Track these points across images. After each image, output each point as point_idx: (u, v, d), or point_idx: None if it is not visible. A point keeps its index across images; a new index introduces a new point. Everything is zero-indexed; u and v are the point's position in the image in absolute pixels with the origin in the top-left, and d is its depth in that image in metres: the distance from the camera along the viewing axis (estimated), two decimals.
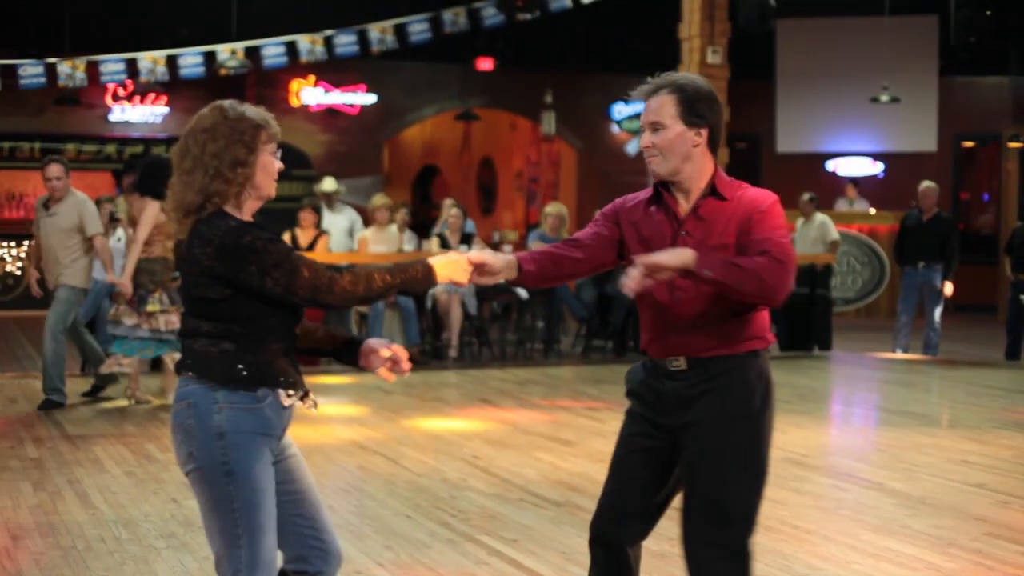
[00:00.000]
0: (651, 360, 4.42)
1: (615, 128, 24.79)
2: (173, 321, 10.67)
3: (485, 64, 23.35)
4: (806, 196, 16.78)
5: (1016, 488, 8.15)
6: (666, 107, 4.28)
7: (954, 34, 23.83)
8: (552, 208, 15.50)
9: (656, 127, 4.29)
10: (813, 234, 16.57)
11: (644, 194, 4.47)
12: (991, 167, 23.58)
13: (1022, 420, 10.96)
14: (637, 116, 23.73)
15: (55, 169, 10.81)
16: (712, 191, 4.29)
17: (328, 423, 10.48)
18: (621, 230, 4.47)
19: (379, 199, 14.94)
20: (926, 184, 15.65)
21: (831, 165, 24.24)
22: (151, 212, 10.60)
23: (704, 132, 4.29)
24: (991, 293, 21.09)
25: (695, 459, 4.27)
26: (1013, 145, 21.88)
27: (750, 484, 4.29)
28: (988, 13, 24.45)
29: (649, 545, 4.77)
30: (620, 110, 24.62)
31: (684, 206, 4.33)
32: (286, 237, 14.10)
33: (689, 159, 4.27)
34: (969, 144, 24.87)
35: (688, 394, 4.29)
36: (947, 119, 23.33)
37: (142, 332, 10.72)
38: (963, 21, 24.02)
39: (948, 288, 15.31)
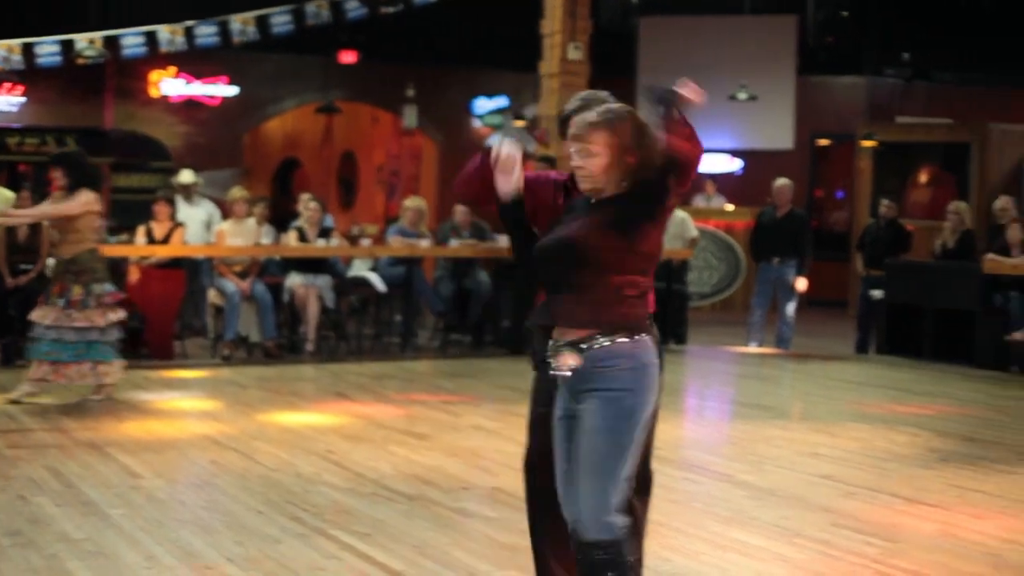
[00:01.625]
0: None
1: (477, 123, 24.81)
2: (95, 319, 10.52)
3: (348, 57, 23.24)
4: None
5: (862, 479, 8.31)
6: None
7: (812, 34, 24.24)
8: (411, 202, 15.48)
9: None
10: (672, 230, 16.67)
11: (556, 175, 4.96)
12: (845, 165, 23.98)
13: (871, 413, 11.18)
14: (499, 111, 23.79)
15: None
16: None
17: (181, 417, 10.39)
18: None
19: (237, 192, 14.80)
20: (781, 181, 15.89)
21: None
22: (84, 200, 10.48)
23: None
24: (843, 289, 21.45)
25: None
26: (867, 144, 22.27)
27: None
28: (845, 14, 24.91)
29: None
30: (482, 105, 24.66)
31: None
32: (141, 229, 13.92)
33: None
34: (825, 142, 25.28)
35: None
36: (804, 118, 23.68)
37: (66, 334, 10.55)
38: (820, 22, 24.47)
39: (801, 283, 15.56)
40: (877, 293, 15.54)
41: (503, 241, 15.24)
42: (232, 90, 23.02)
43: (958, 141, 21.75)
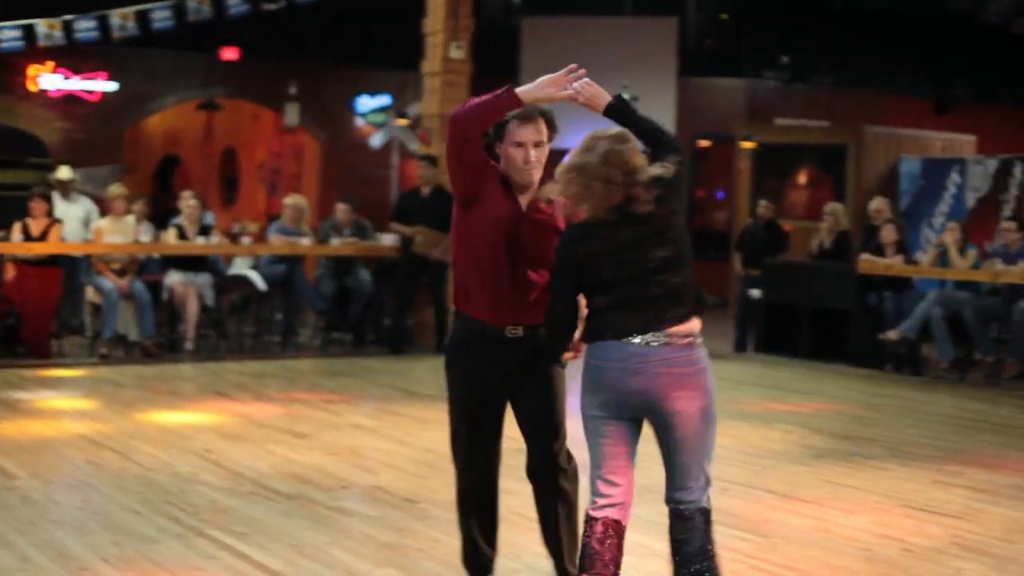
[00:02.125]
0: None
1: (359, 121, 24.73)
2: None
3: (229, 53, 23.03)
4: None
5: (737, 476, 8.42)
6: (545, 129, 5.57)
7: (692, 36, 24.47)
8: (291, 200, 15.41)
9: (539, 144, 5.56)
10: None
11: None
12: (725, 166, 24.24)
13: (748, 410, 11.33)
14: (382, 109, 23.69)
15: None
16: None
17: (57, 417, 10.26)
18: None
19: (115, 188, 14.64)
20: None
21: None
22: None
23: None
24: (722, 288, 21.68)
25: None
26: (746, 145, 22.52)
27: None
28: (724, 17, 25.18)
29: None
30: (364, 103, 24.58)
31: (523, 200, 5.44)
32: (17, 226, 13.71)
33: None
34: (705, 143, 25.53)
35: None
36: (684, 119, 23.87)
37: None
38: (700, 24, 24.70)
39: None
40: (755, 292, 15.74)
41: (385, 239, 15.24)
42: (112, 85, 22.72)
43: (835, 143, 22.06)
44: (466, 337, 5.42)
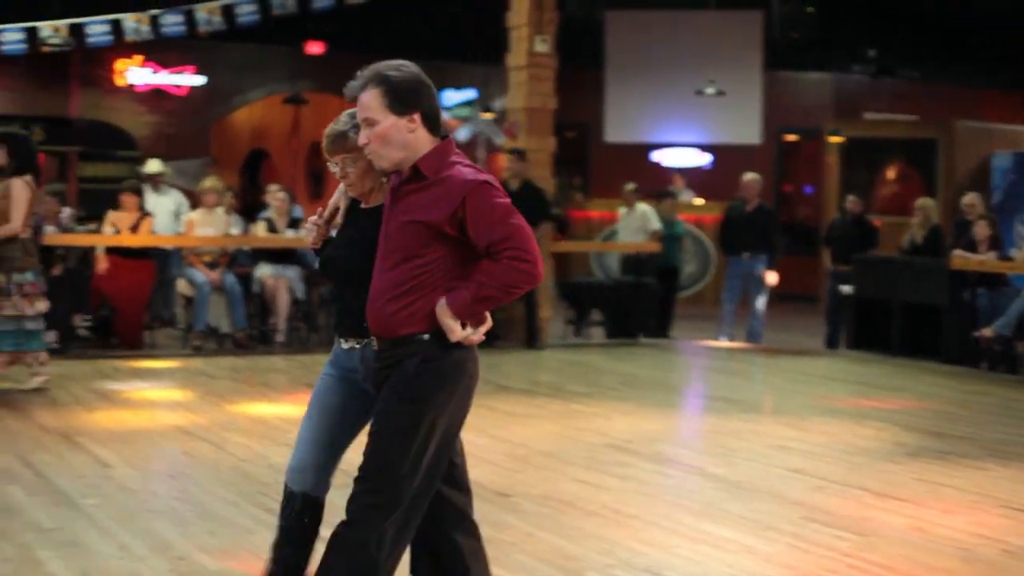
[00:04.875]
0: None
1: (445, 114, 24.75)
2: (23, 307, 10.45)
3: (315, 48, 23.18)
4: (630, 186, 16.96)
5: (831, 473, 8.33)
6: (374, 101, 4.32)
7: (778, 29, 24.32)
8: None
9: (369, 123, 4.32)
10: (636, 224, 16.74)
11: None
12: (813, 161, 24.07)
13: (840, 407, 11.22)
14: (468, 104, 23.75)
15: None
16: (414, 171, 4.31)
17: (151, 408, 10.35)
18: None
19: (209, 182, 14.75)
20: (749, 176, 15.95)
21: (656, 156, 24.52)
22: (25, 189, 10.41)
23: (417, 117, 4.32)
24: (812, 283, 21.54)
25: None
26: (834, 140, 22.36)
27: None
28: (810, 10, 25.01)
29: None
30: (450, 96, 24.62)
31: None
32: (109, 219, 13.85)
33: (408, 147, 4.30)
34: (792, 138, 25.37)
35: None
36: (771, 113, 23.76)
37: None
38: (786, 17, 24.55)
39: (771, 278, 15.63)
40: (846, 288, 15.60)
41: None
42: (199, 80, 22.93)
43: (924, 137, 21.86)
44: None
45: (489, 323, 4.34)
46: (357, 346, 4.68)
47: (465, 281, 4.22)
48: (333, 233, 4.88)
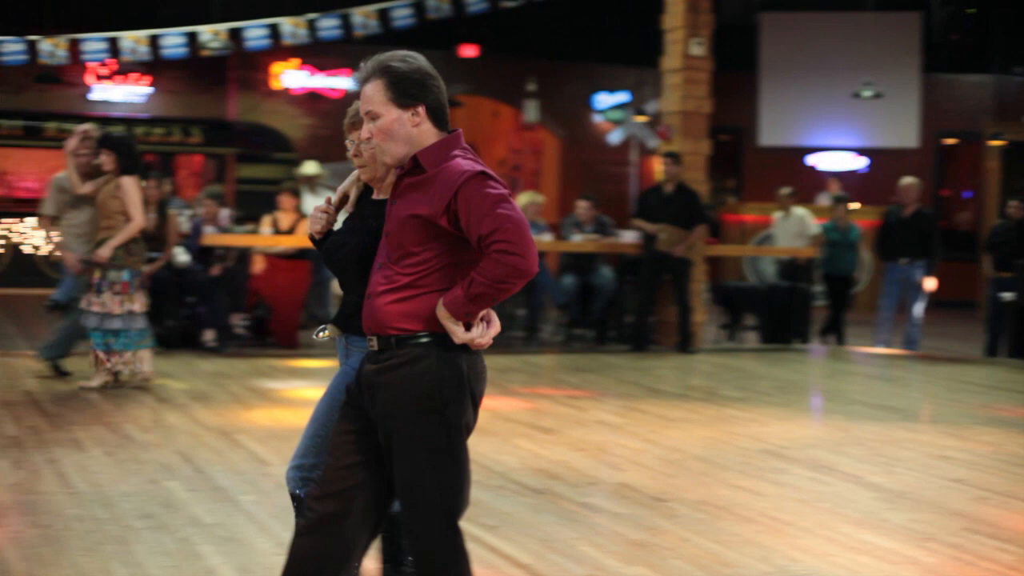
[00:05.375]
0: None
1: (598, 118, 24.76)
2: (111, 305, 10.62)
3: (468, 51, 23.30)
4: (785, 190, 16.78)
5: (995, 484, 8.15)
6: (377, 94, 4.07)
7: (937, 31, 23.91)
8: (523, 199, 15.59)
9: (372, 116, 4.09)
10: (793, 228, 16.56)
11: None
12: (972, 165, 23.62)
13: (1001, 416, 10.98)
14: (621, 106, 23.72)
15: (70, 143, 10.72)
16: (414, 163, 4.08)
17: (307, 406, 10.24)
18: None
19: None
20: (907, 180, 15.68)
21: (811, 159, 24.26)
22: (136, 185, 10.62)
23: (421, 110, 4.07)
24: (971, 290, 21.14)
25: None
26: (994, 143, 21.92)
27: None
28: (970, 11, 24.54)
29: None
30: (603, 99, 24.61)
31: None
32: (266, 220, 14.04)
33: (411, 142, 4.07)
34: (951, 141, 24.92)
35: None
36: (929, 116, 23.37)
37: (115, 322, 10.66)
38: (945, 19, 24.12)
39: (930, 284, 15.35)
40: (1007, 295, 15.26)
41: (626, 236, 15.21)
42: (353, 83, 23.15)
43: None
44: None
45: (498, 326, 4.10)
46: (352, 342, 4.56)
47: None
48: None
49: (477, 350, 4.08)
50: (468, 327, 3.99)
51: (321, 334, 4.68)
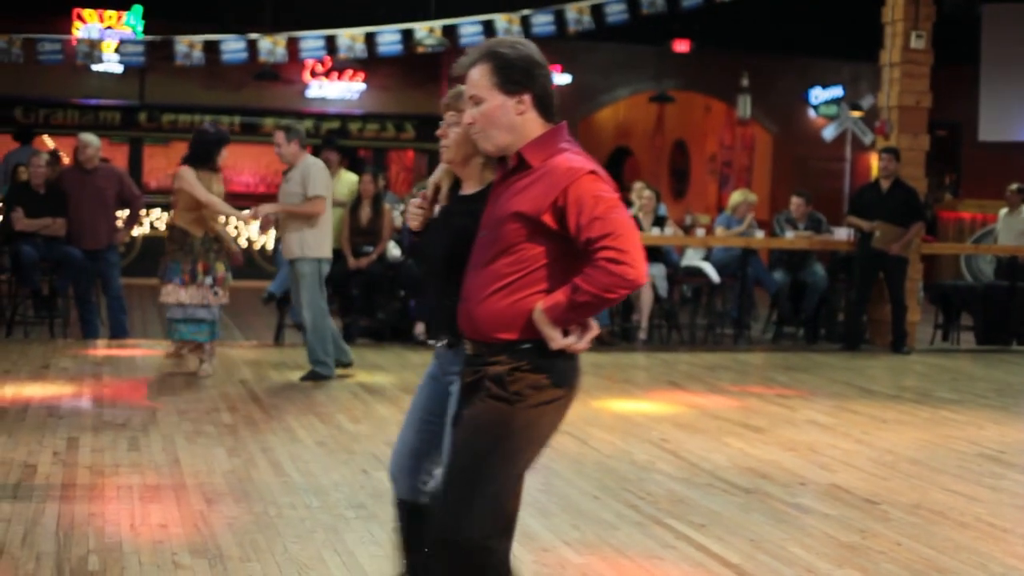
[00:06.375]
0: None
1: (812, 113, 24.43)
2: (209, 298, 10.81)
3: (681, 46, 23.16)
4: (1014, 186, 16.32)
5: None
6: (482, 79, 3.97)
7: None
8: (736, 197, 15.48)
9: (476, 101, 4.00)
10: (1020, 226, 16.10)
11: None
12: None
13: None
14: (835, 101, 23.37)
15: (277, 137, 10.83)
16: (520, 159, 3.97)
17: None
18: None
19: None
20: None
21: None
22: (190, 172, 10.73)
23: (527, 98, 3.96)
24: None
25: None
26: None
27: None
28: None
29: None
30: (817, 95, 24.26)
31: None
32: None
33: (515, 130, 3.97)
34: None
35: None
36: None
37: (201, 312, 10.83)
38: None
39: None
40: None
41: (839, 233, 14.97)
42: (565, 78, 23.21)
43: None
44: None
45: (596, 330, 4.02)
46: (445, 346, 4.38)
47: (566, 282, 3.86)
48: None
49: (573, 354, 4.02)
50: (566, 332, 3.93)
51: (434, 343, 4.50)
